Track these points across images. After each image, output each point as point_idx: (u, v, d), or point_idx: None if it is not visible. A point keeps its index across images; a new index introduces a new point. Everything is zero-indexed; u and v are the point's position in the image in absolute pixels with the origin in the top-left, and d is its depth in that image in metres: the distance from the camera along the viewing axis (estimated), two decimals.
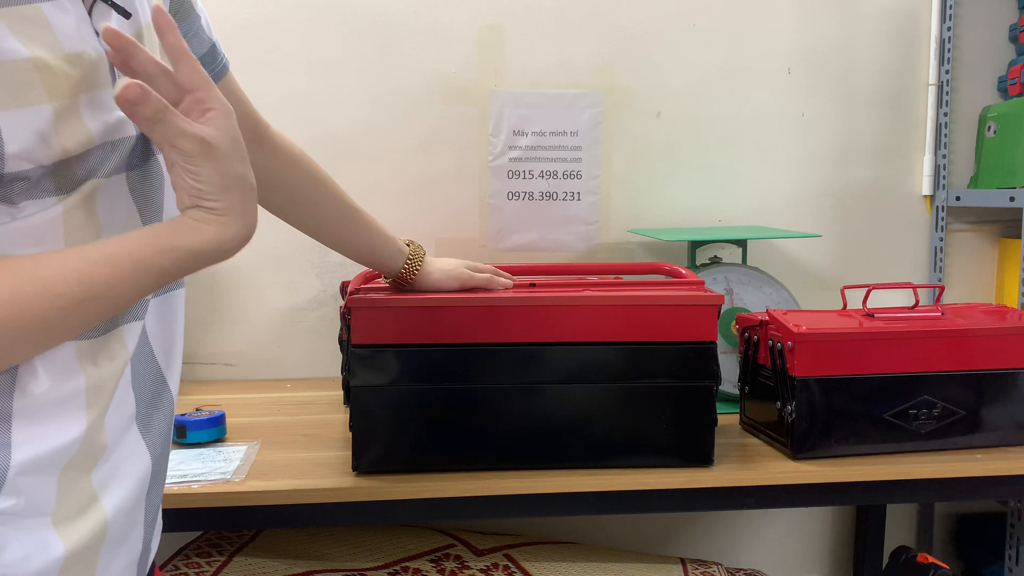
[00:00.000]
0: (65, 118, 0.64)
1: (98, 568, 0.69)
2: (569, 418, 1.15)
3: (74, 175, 0.66)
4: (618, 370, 1.14)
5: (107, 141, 0.68)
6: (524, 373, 1.14)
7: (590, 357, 1.14)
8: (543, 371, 1.14)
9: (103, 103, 0.68)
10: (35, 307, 0.61)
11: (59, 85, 0.64)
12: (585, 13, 1.67)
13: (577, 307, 1.14)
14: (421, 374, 1.12)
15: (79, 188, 0.67)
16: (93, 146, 0.67)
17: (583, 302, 1.14)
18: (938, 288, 1.37)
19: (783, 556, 1.84)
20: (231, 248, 0.68)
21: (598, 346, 1.14)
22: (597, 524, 1.76)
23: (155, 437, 0.75)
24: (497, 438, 1.14)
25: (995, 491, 1.32)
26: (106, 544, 0.70)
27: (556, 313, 1.13)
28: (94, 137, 0.67)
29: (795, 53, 1.74)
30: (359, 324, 1.11)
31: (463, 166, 1.67)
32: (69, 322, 0.63)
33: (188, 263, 0.66)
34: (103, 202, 0.69)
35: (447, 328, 1.12)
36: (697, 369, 1.15)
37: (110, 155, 0.69)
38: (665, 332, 1.15)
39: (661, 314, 1.14)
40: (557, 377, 1.14)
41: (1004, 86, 1.76)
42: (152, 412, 0.76)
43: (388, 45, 1.64)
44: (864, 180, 1.78)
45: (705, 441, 1.16)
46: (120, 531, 0.72)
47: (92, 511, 0.68)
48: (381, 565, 1.36)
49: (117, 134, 0.69)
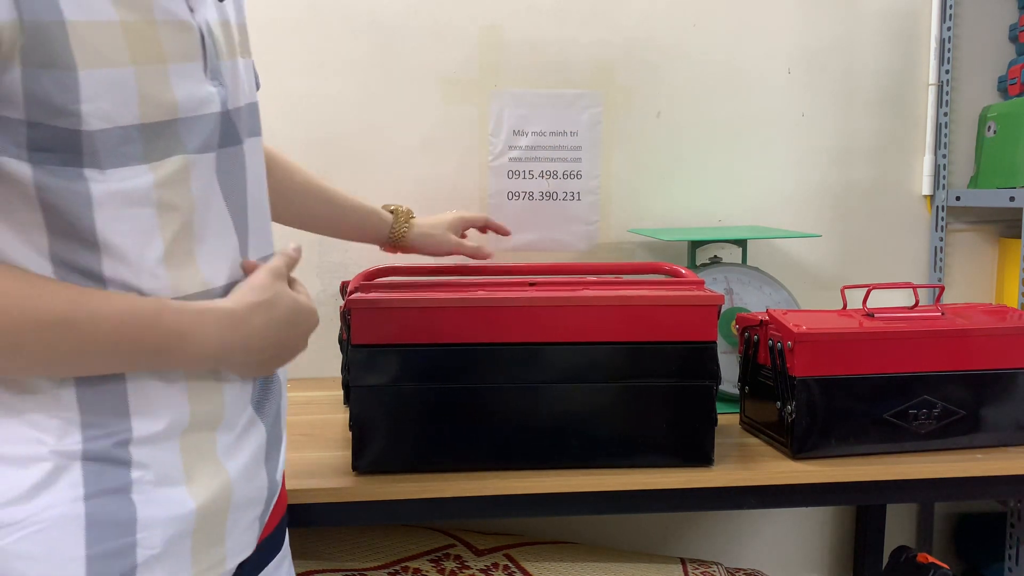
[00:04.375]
0: (150, 83, 0.68)
1: (227, 525, 0.77)
2: (569, 418, 1.15)
3: (162, 145, 0.70)
4: (618, 370, 1.14)
5: (193, 115, 0.72)
6: (524, 373, 1.13)
7: (590, 357, 1.14)
8: (543, 371, 1.14)
9: (191, 75, 0.72)
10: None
11: (146, 50, 0.67)
12: (585, 13, 1.67)
13: (576, 307, 1.14)
14: (421, 374, 1.12)
15: (168, 160, 0.70)
16: (179, 116, 0.71)
17: (582, 302, 1.14)
18: (938, 288, 1.38)
19: (783, 556, 1.84)
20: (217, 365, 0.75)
21: (598, 346, 1.14)
22: (597, 524, 1.76)
23: (267, 415, 0.83)
24: (497, 438, 1.14)
25: (995, 491, 1.32)
26: (232, 503, 0.77)
27: (555, 313, 1.13)
28: (179, 107, 0.70)
29: (795, 53, 1.73)
30: (359, 324, 1.11)
31: (463, 166, 1.67)
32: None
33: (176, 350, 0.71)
34: (196, 179, 0.73)
35: (446, 328, 1.12)
36: (697, 369, 1.15)
37: (196, 129, 0.72)
38: (665, 332, 1.15)
39: (661, 314, 1.14)
40: (557, 377, 1.14)
41: (1004, 86, 1.76)
42: (265, 395, 0.83)
43: (388, 45, 1.63)
44: (864, 180, 1.78)
45: (705, 441, 1.16)
46: (243, 492, 0.78)
47: (218, 473, 0.75)
48: (381, 565, 1.36)
49: (203, 109, 0.73)
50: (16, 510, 0.67)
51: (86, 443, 0.69)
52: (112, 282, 0.69)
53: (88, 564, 0.67)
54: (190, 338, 0.71)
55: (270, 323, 0.77)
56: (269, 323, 0.77)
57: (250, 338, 0.75)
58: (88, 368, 0.68)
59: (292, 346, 0.81)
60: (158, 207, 0.70)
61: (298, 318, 0.80)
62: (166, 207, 0.71)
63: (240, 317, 0.75)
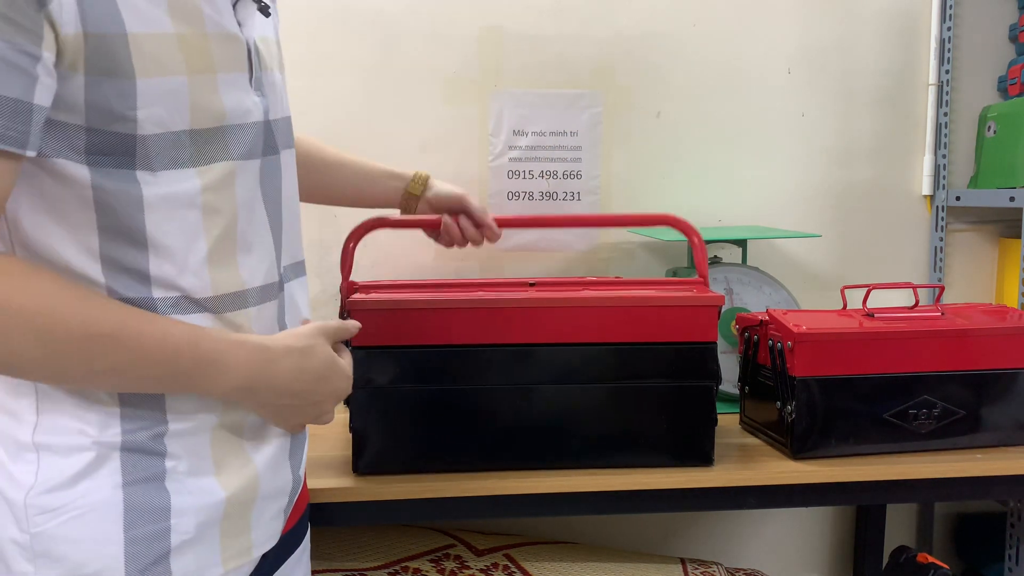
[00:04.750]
0: (201, 91, 0.73)
1: (253, 515, 0.80)
2: (569, 418, 1.15)
3: (209, 150, 0.75)
4: (618, 370, 1.15)
5: (239, 124, 0.77)
6: (524, 373, 1.14)
7: (590, 357, 1.14)
8: (543, 371, 1.14)
9: (238, 85, 0.77)
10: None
11: (198, 61, 0.72)
12: (585, 13, 1.67)
13: (575, 308, 1.14)
14: (419, 375, 1.12)
15: (215, 165, 0.75)
16: (225, 123, 0.75)
17: (581, 303, 1.14)
18: (938, 288, 1.38)
19: (783, 556, 1.84)
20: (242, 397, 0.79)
21: (597, 347, 1.14)
22: (597, 524, 1.76)
23: None
24: (496, 438, 1.14)
25: (995, 491, 1.32)
26: (259, 495, 0.81)
27: (554, 314, 1.13)
28: (227, 114, 0.75)
29: (795, 53, 1.73)
30: None
31: (463, 166, 1.67)
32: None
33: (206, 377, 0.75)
34: (240, 185, 0.78)
35: (445, 329, 1.12)
36: (697, 369, 1.15)
37: (241, 137, 0.77)
38: (665, 332, 1.15)
39: (660, 315, 1.14)
40: (556, 377, 1.14)
41: (1004, 86, 1.76)
42: None
43: (388, 45, 1.63)
44: (864, 180, 1.78)
45: (705, 441, 1.16)
46: (269, 484, 0.82)
47: (245, 465, 0.80)
48: (381, 565, 1.36)
49: (248, 118, 0.78)
50: (60, 495, 0.71)
51: (125, 435, 0.73)
52: (157, 280, 0.73)
53: (126, 546, 0.72)
54: (221, 366, 0.75)
55: (300, 370, 0.81)
56: (299, 370, 0.81)
57: (277, 378, 0.79)
58: (120, 385, 0.72)
59: (317, 402, 0.84)
60: (204, 210, 0.74)
61: (329, 374, 0.84)
62: (211, 210, 0.75)
63: (272, 355, 0.79)
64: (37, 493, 0.71)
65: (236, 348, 0.76)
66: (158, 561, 0.73)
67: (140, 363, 0.71)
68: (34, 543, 0.71)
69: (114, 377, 0.71)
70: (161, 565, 0.74)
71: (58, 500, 0.71)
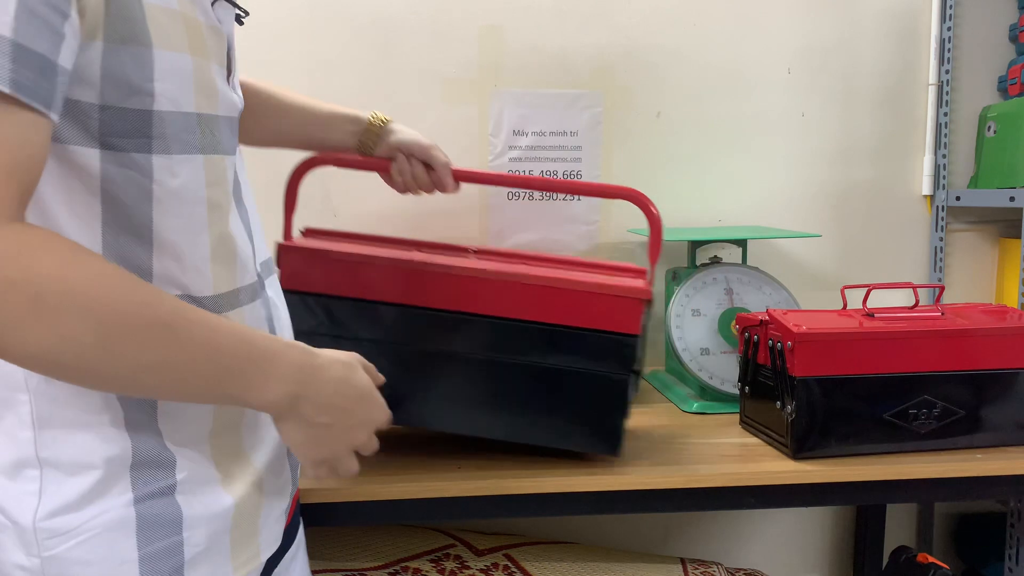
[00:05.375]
0: (201, 74, 0.72)
1: (260, 520, 0.79)
2: (484, 391, 1.13)
3: (210, 139, 0.74)
4: (536, 350, 1.12)
5: (226, 116, 0.77)
6: (444, 340, 1.11)
7: (510, 333, 1.11)
8: (462, 341, 1.11)
9: (222, 77, 0.77)
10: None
11: (198, 44, 0.72)
12: (585, 13, 1.67)
13: (501, 282, 1.11)
14: (342, 327, 1.10)
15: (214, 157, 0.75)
16: (219, 113, 0.75)
17: (507, 277, 1.11)
18: (938, 288, 1.38)
19: (783, 556, 1.84)
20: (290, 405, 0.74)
21: (518, 323, 1.12)
22: (597, 524, 1.76)
23: None
24: (412, 401, 1.12)
25: (995, 491, 1.32)
26: (264, 497, 0.80)
27: (480, 285, 1.11)
28: (220, 104, 0.76)
29: (795, 53, 1.73)
30: (285, 267, 1.10)
31: (463, 166, 1.67)
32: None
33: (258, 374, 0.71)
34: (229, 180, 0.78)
35: (372, 284, 1.10)
36: (615, 360, 1.12)
37: (227, 130, 0.78)
38: (587, 319, 1.11)
39: (584, 300, 1.11)
40: (475, 349, 1.11)
41: (1004, 86, 1.76)
42: None
43: (388, 45, 1.63)
44: (864, 180, 1.78)
45: (615, 431, 1.14)
46: (272, 485, 0.82)
47: (248, 469, 0.78)
48: (381, 565, 1.36)
49: (231, 111, 0.79)
50: (71, 518, 0.68)
51: (133, 448, 0.70)
52: (160, 277, 0.71)
53: (140, 564, 0.69)
54: (273, 365, 0.71)
55: (346, 383, 0.77)
56: (345, 382, 0.77)
57: (325, 385, 0.75)
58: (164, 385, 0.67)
59: (352, 426, 0.79)
60: (208, 204, 0.73)
61: (370, 401, 0.80)
62: (213, 205, 0.74)
63: (321, 361, 0.75)
64: (45, 516, 0.68)
65: (288, 348, 0.73)
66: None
67: (192, 359, 0.66)
68: (45, 568, 0.68)
69: (161, 374, 0.65)
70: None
71: (69, 522, 0.68)
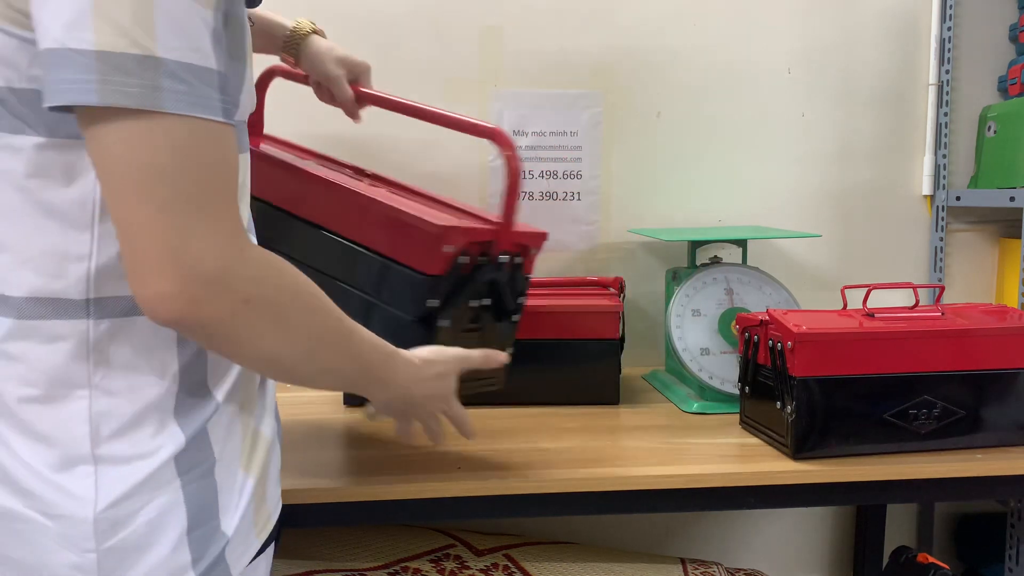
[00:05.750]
0: (249, 80, 0.74)
1: (269, 483, 0.81)
2: None
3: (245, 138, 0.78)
4: (349, 272, 1.11)
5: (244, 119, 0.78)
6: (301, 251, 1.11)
7: (344, 254, 1.10)
8: (316, 255, 1.11)
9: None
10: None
11: (250, 51, 0.75)
12: (585, 13, 1.67)
13: (347, 199, 1.11)
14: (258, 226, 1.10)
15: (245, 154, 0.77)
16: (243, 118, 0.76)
17: (351, 196, 1.11)
18: (938, 288, 1.38)
19: (783, 556, 1.84)
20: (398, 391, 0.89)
21: (344, 241, 1.11)
22: (597, 524, 1.76)
23: None
24: None
25: (995, 491, 1.32)
26: (272, 463, 0.82)
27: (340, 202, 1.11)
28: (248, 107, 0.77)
29: (795, 53, 1.73)
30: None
31: (463, 166, 1.67)
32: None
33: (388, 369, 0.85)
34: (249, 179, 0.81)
35: (265, 184, 1.11)
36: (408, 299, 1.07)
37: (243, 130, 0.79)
38: (397, 252, 1.08)
39: (401, 231, 1.07)
40: (322, 266, 1.11)
41: (1004, 86, 1.76)
42: None
43: (388, 45, 1.64)
44: (864, 180, 1.78)
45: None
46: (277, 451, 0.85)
47: (260, 441, 0.80)
48: (381, 565, 1.36)
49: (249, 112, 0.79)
50: (127, 506, 0.68)
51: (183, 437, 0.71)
52: None
53: (190, 544, 0.71)
54: (394, 369, 0.85)
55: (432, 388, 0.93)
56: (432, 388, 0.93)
57: (421, 387, 0.91)
58: (322, 383, 0.81)
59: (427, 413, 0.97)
60: (243, 201, 0.76)
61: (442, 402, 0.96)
62: (244, 202, 0.77)
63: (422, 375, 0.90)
64: (104, 507, 0.67)
65: (397, 355, 0.85)
66: (219, 556, 0.72)
67: (353, 363, 0.78)
68: (102, 561, 0.67)
69: (333, 375, 0.78)
70: (221, 559, 0.73)
71: (126, 511, 0.68)
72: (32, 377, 0.67)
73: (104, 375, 0.68)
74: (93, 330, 0.67)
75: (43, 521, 0.67)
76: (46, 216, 0.65)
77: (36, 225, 0.65)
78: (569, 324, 1.43)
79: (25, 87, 0.62)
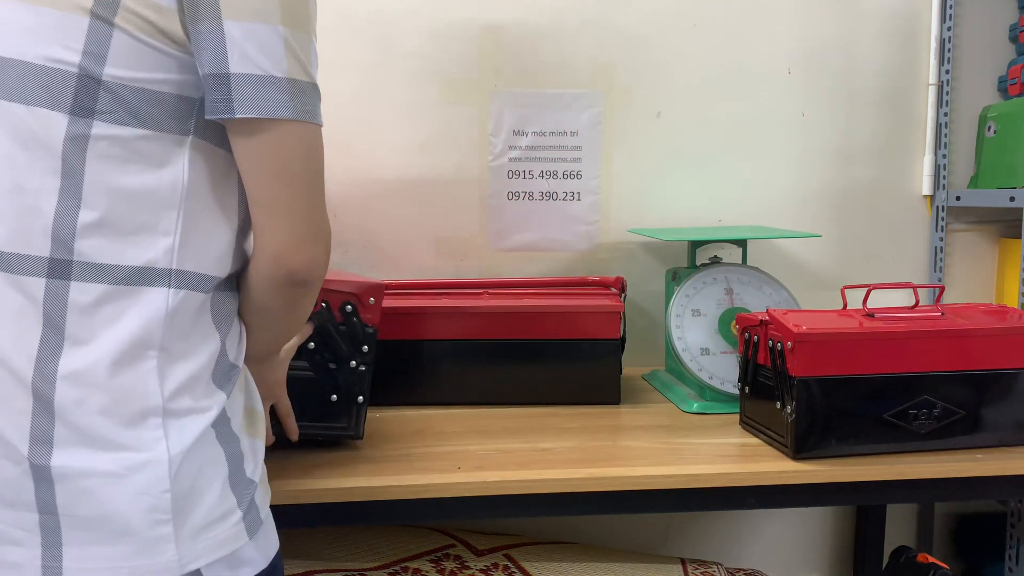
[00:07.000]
0: None
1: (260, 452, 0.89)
2: None
3: None
4: None
5: None
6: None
7: None
8: None
9: None
10: None
11: None
12: (585, 13, 1.67)
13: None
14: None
15: None
16: None
17: None
18: (938, 288, 1.38)
19: (783, 556, 1.84)
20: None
21: None
22: (597, 524, 1.76)
23: None
24: None
25: (995, 491, 1.32)
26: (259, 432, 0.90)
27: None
28: None
29: (795, 53, 1.73)
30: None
31: (463, 166, 1.67)
32: None
33: None
34: None
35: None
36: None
37: None
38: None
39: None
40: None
41: (1004, 86, 1.76)
42: None
43: (388, 45, 1.63)
44: (864, 180, 1.78)
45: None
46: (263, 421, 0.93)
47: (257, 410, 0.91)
48: (381, 565, 1.37)
49: None
50: (190, 453, 0.78)
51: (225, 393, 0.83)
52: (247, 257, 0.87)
53: (232, 489, 0.81)
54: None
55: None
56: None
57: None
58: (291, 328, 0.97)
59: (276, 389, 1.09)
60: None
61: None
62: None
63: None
64: (175, 453, 0.77)
65: None
66: (252, 501, 0.84)
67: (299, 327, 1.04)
68: (175, 501, 0.76)
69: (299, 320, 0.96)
70: (253, 503, 0.84)
71: (188, 458, 0.78)
72: (121, 336, 0.76)
73: (171, 338, 0.78)
74: (172, 298, 0.78)
75: (118, 471, 0.75)
76: (141, 196, 0.76)
77: (133, 204, 0.76)
78: (570, 324, 1.44)
79: (143, 87, 0.75)
